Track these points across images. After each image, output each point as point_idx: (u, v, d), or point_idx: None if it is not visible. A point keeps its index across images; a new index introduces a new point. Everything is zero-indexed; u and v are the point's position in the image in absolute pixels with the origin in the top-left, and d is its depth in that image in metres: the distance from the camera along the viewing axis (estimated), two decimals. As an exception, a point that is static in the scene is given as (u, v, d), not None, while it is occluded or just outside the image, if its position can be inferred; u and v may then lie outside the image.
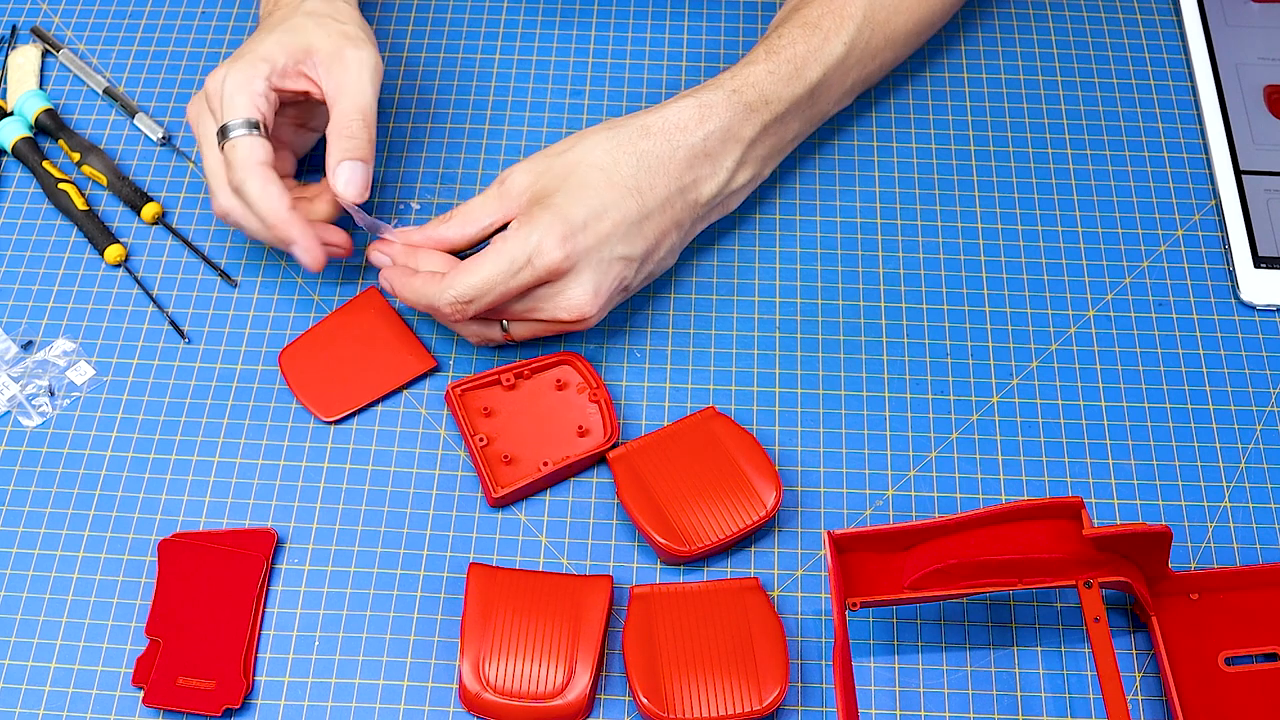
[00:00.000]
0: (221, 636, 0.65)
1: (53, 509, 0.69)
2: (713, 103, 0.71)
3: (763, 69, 0.72)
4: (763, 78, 0.72)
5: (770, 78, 0.72)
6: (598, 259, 0.67)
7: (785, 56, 0.73)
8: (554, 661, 0.63)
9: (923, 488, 0.70)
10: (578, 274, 0.67)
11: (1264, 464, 0.71)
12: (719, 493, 0.67)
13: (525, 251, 0.66)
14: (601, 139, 0.69)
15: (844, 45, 0.74)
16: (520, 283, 0.66)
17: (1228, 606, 0.65)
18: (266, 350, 0.74)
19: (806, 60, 0.73)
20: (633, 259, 0.69)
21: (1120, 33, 0.86)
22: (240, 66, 0.70)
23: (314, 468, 0.70)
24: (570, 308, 0.68)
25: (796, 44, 0.73)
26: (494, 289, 0.66)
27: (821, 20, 0.74)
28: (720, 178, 0.71)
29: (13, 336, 0.74)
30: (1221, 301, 0.76)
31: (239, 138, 0.69)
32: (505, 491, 0.68)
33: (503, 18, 0.86)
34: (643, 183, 0.69)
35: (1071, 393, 0.73)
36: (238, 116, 0.69)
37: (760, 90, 0.72)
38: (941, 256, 0.77)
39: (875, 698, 0.64)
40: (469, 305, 0.67)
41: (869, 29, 0.75)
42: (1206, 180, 0.80)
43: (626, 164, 0.69)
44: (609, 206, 0.67)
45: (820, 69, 0.73)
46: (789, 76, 0.72)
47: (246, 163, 0.69)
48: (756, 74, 0.72)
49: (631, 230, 0.68)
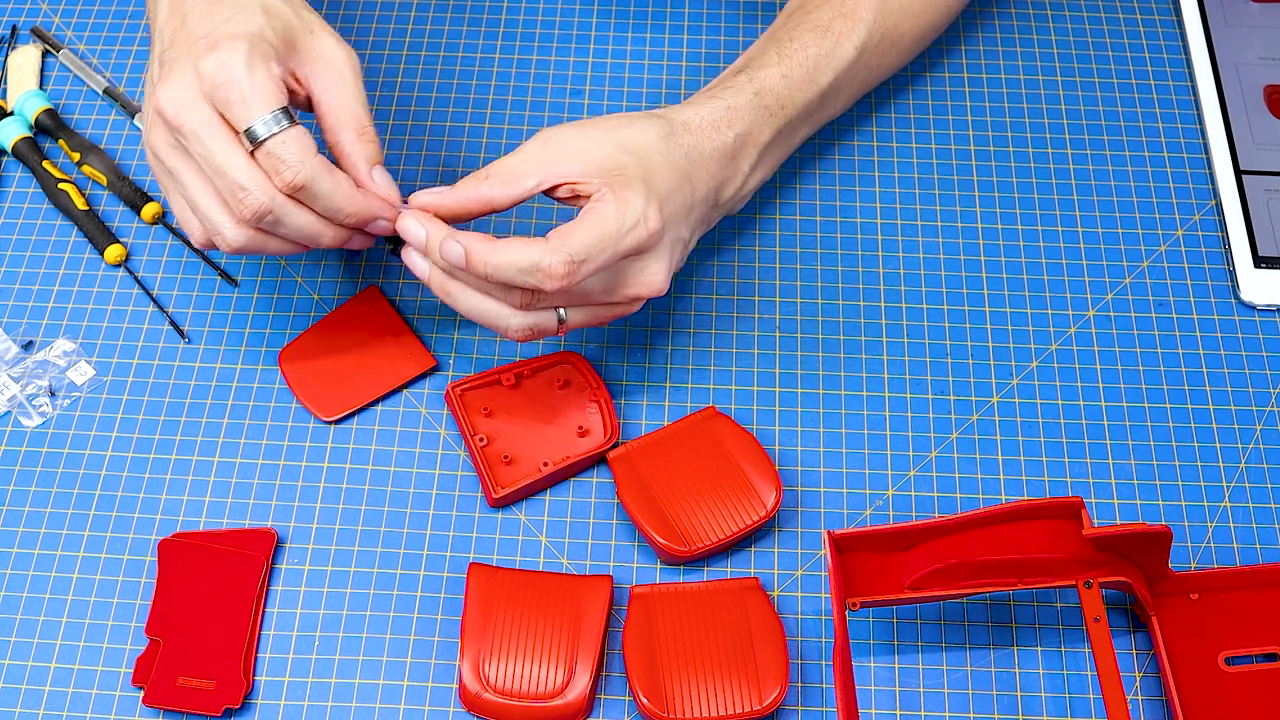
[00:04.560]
0: (221, 636, 0.65)
1: (53, 509, 0.69)
2: (739, 106, 0.70)
3: (777, 72, 0.72)
4: (778, 82, 0.72)
5: (785, 82, 0.72)
6: (672, 237, 0.66)
7: (798, 60, 0.72)
8: (554, 661, 0.63)
9: (923, 488, 0.70)
10: (659, 250, 0.66)
11: (1264, 464, 0.71)
12: (719, 493, 0.67)
13: (634, 216, 0.63)
14: (653, 125, 0.67)
15: (855, 49, 0.74)
16: (626, 247, 0.63)
17: (1228, 606, 0.65)
18: (266, 350, 0.74)
19: (819, 64, 0.73)
20: (687, 244, 0.69)
21: (1120, 33, 0.86)
22: (246, 50, 0.60)
23: (314, 468, 0.70)
24: (650, 283, 0.66)
25: (809, 47, 0.73)
26: (606, 249, 0.62)
27: (833, 24, 0.73)
28: (738, 181, 0.71)
29: (13, 336, 0.74)
30: (1221, 301, 0.76)
31: (286, 130, 0.60)
32: (505, 492, 0.68)
33: (503, 17, 0.86)
34: (692, 173, 0.68)
35: (1071, 393, 0.73)
36: (274, 105, 0.60)
37: (777, 95, 0.71)
38: (941, 256, 0.77)
39: (875, 698, 0.64)
40: (582, 265, 0.61)
41: (879, 33, 0.75)
42: (1206, 180, 0.80)
43: (678, 153, 0.67)
44: (675, 190, 0.66)
45: (832, 74, 0.73)
46: (803, 81, 0.72)
47: (307, 156, 0.60)
48: (772, 78, 0.72)
49: (687, 216, 0.68)
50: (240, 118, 0.60)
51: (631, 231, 0.63)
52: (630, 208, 0.63)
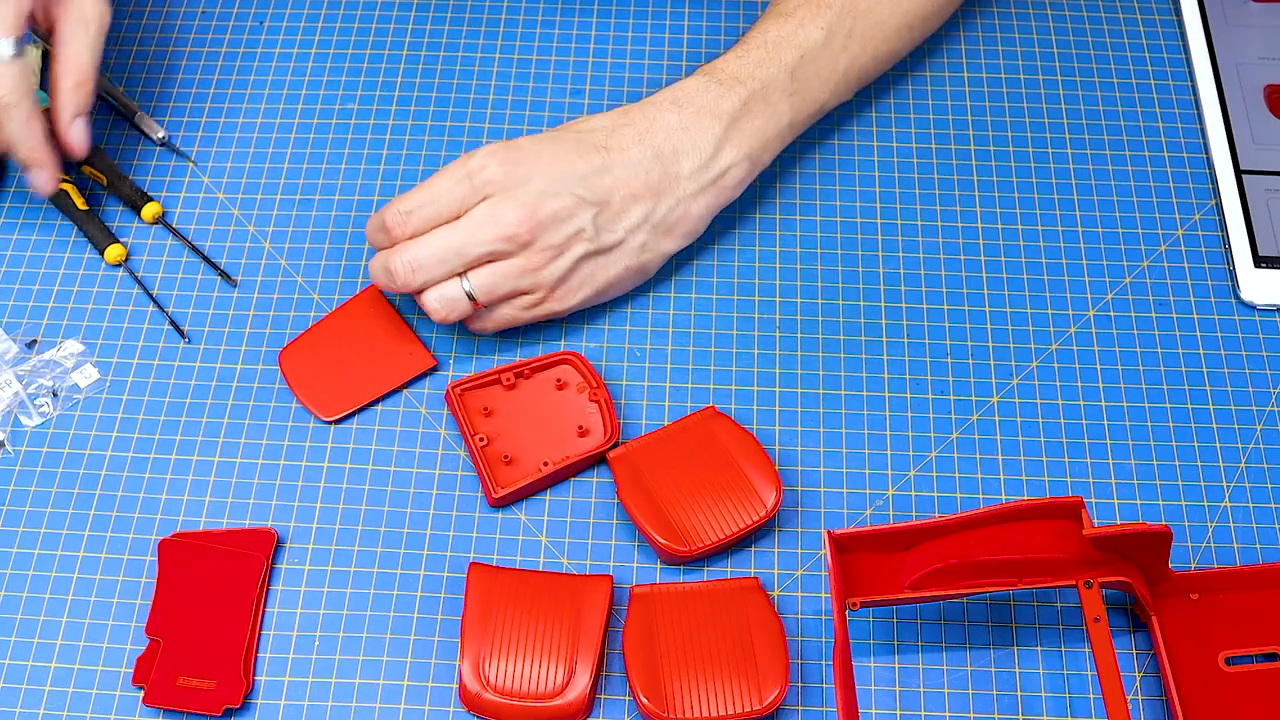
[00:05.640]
0: (221, 636, 0.65)
1: (53, 509, 0.69)
2: (684, 87, 0.73)
3: (731, 55, 0.75)
4: (731, 62, 0.74)
5: (739, 61, 0.74)
6: (542, 187, 0.68)
7: (755, 43, 0.74)
8: (554, 661, 0.63)
9: (923, 488, 0.70)
10: (516, 190, 0.68)
11: (1264, 464, 0.71)
12: (719, 493, 0.67)
13: (465, 167, 0.69)
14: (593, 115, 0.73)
15: (821, 30, 0.75)
16: (459, 195, 0.68)
17: (1228, 606, 0.65)
18: (266, 350, 0.74)
19: (779, 44, 0.74)
20: (589, 202, 0.69)
21: (1120, 33, 0.86)
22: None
23: (314, 468, 0.70)
24: (502, 221, 0.68)
25: (768, 31, 0.75)
26: (435, 198, 0.68)
27: (797, 10, 0.75)
28: (703, 153, 0.72)
29: (13, 337, 0.74)
30: (1221, 301, 0.76)
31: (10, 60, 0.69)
32: (505, 491, 0.68)
33: (503, 16, 0.86)
34: (612, 143, 0.70)
35: (1071, 393, 0.73)
36: (10, 34, 0.69)
37: (730, 71, 0.73)
38: (941, 256, 0.77)
39: (875, 698, 0.64)
40: (409, 216, 0.69)
41: (850, 17, 0.76)
42: (1206, 180, 0.80)
43: (601, 126, 0.71)
44: (566, 150, 0.70)
45: (796, 51, 0.74)
46: (761, 60, 0.74)
47: (19, 85, 0.69)
48: (725, 60, 0.74)
49: (590, 177, 0.69)
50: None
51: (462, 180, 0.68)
52: (464, 160, 0.69)
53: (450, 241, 0.68)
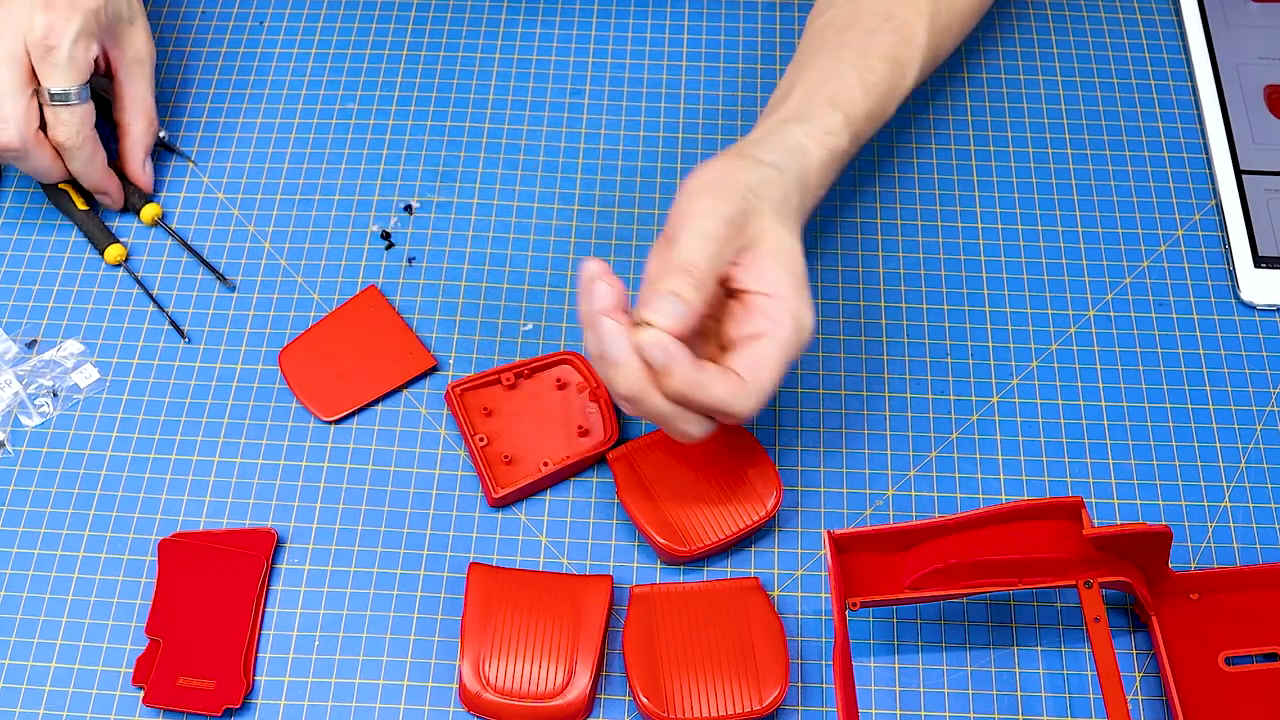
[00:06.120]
0: (221, 636, 0.65)
1: (53, 509, 0.69)
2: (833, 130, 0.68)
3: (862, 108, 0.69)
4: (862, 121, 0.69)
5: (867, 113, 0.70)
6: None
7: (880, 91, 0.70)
8: (554, 661, 0.63)
9: (923, 488, 0.70)
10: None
11: (1264, 464, 0.71)
12: (719, 493, 0.67)
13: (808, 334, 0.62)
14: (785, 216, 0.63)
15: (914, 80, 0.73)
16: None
17: (1228, 606, 0.65)
18: (266, 350, 0.74)
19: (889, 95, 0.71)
20: None
21: (1120, 33, 0.86)
22: (79, 26, 0.70)
23: (314, 467, 0.70)
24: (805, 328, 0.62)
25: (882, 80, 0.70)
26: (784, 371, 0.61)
27: (898, 51, 0.71)
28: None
29: (13, 337, 0.74)
30: (1221, 301, 0.76)
31: (80, 105, 0.71)
32: (505, 491, 0.68)
33: (503, 17, 0.86)
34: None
35: (1071, 393, 0.73)
36: (80, 81, 0.71)
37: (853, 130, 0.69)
38: (941, 256, 0.77)
39: (875, 698, 0.64)
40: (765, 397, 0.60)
41: (931, 59, 0.74)
42: (1206, 180, 0.80)
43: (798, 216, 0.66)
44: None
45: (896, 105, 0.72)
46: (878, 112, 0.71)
47: (85, 129, 0.72)
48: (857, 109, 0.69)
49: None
50: (48, 77, 0.70)
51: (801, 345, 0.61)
52: (804, 325, 0.61)
53: None
